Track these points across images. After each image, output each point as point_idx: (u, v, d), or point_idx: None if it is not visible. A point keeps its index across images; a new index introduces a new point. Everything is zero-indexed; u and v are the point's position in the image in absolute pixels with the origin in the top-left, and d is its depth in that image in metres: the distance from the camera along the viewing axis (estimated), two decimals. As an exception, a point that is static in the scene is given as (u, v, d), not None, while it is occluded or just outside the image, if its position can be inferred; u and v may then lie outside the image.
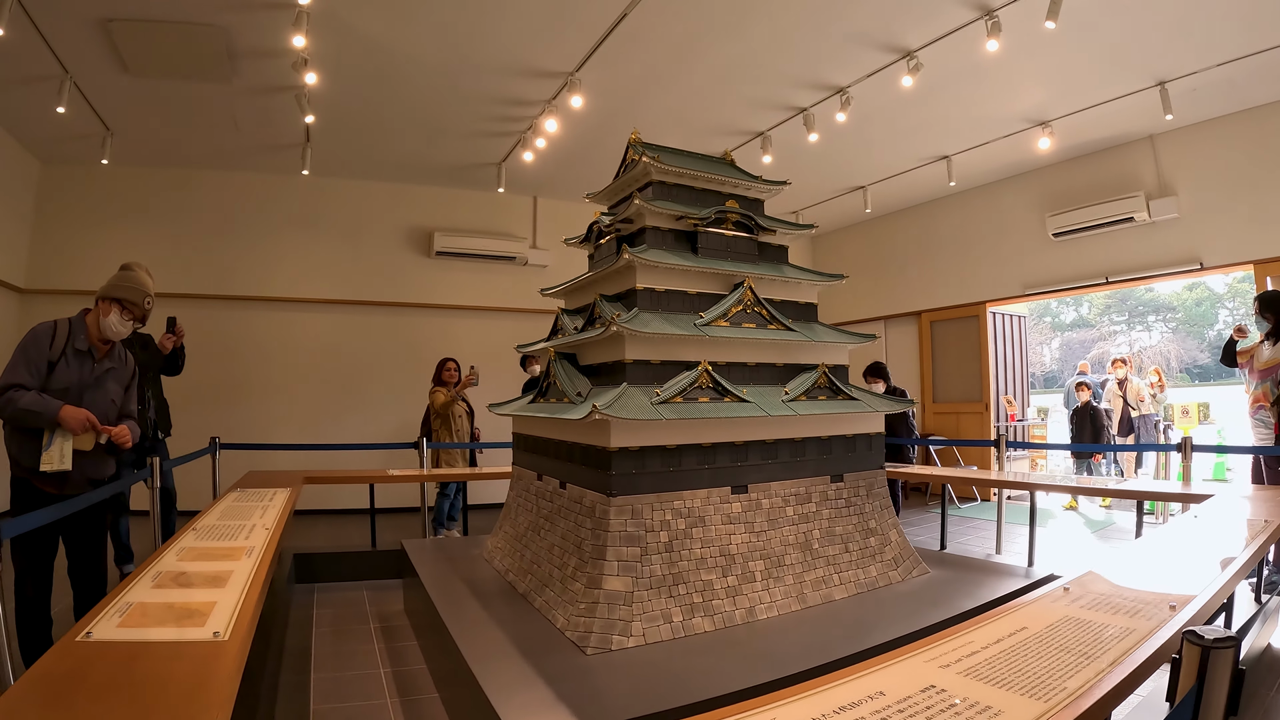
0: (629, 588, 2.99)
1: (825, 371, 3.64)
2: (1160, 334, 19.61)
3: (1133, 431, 8.02)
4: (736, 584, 3.18)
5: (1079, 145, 7.34)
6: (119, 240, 7.21)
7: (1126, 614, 1.86)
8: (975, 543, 6.34)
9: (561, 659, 2.72)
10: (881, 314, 10.52)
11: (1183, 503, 3.93)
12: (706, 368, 3.26)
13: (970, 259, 9.06)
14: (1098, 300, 20.14)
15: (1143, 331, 19.79)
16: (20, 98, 5.81)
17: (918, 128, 7.07)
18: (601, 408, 2.97)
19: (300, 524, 7.11)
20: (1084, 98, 6.30)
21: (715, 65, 5.89)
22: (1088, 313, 20.31)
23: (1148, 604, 1.95)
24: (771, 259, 4.00)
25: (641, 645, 2.87)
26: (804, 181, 8.90)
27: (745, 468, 3.37)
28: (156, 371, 5.07)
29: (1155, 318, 19.82)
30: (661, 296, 3.50)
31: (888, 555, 3.71)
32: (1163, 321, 19.79)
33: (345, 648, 4.11)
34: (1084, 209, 7.29)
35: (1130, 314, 19.88)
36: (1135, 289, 19.78)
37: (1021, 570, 4.06)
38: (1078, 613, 1.90)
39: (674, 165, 3.79)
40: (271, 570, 2.56)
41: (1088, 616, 1.86)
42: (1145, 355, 18.42)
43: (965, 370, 9.31)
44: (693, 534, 3.19)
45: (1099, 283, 7.43)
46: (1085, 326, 20.04)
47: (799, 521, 3.48)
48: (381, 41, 5.46)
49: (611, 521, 3.06)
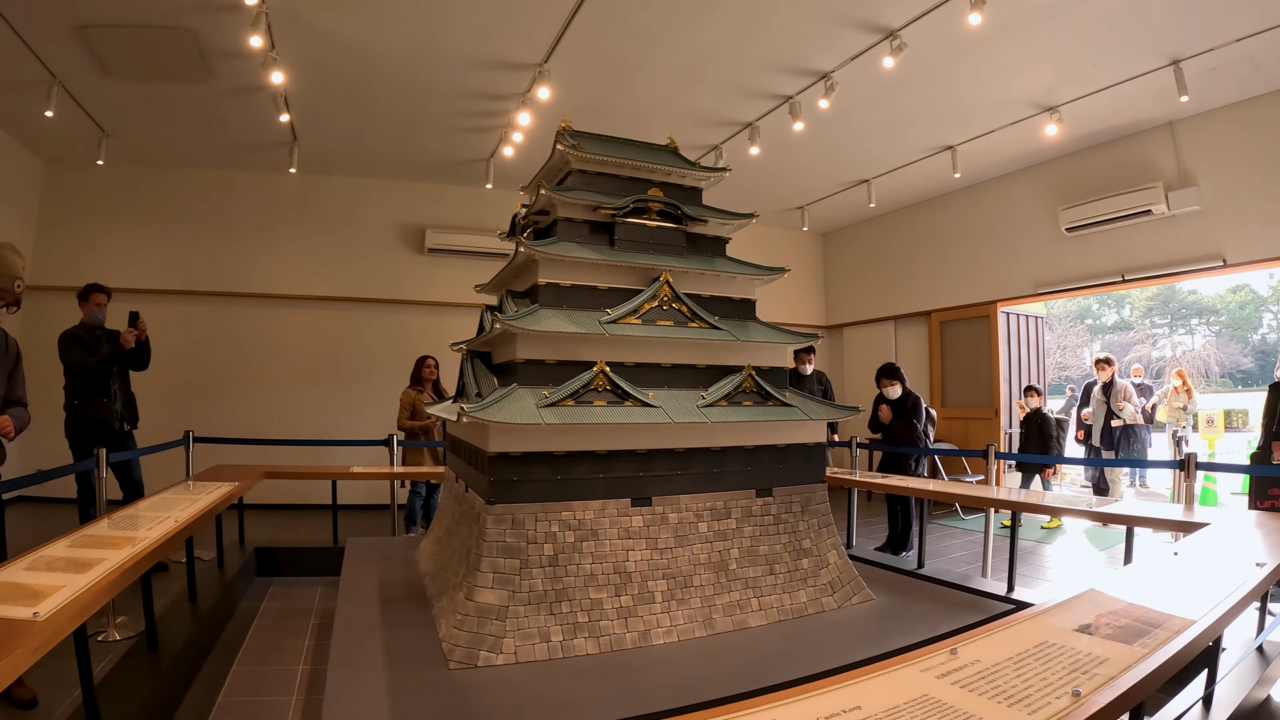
0: (504, 602, 2.69)
1: (752, 374, 3.24)
2: (1203, 338, 18.18)
3: (1114, 445, 7.16)
4: (631, 604, 2.84)
5: (1091, 133, 6.68)
6: (119, 238, 7.29)
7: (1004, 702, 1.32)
8: (967, 561, 5.78)
9: (424, 673, 2.49)
10: (890, 314, 9.93)
11: (1175, 532, 3.38)
12: (603, 368, 2.92)
13: (980, 256, 8.42)
14: (1139, 303, 18.84)
15: (1185, 335, 18.37)
16: (20, 102, 5.86)
17: (915, 115, 6.53)
18: (471, 410, 2.67)
19: (275, 518, 7.04)
20: (1092, 80, 5.68)
21: (688, 52, 5.52)
22: (1129, 315, 19.00)
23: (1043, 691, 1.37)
24: (705, 251, 3.62)
25: (513, 664, 2.58)
26: (803, 176, 8.44)
27: (649, 478, 3.02)
28: (123, 366, 5.02)
29: (1198, 321, 18.37)
30: (568, 292, 3.17)
31: (823, 579, 3.29)
32: (1205, 325, 18.33)
33: (278, 642, 4.03)
34: (1098, 201, 6.62)
35: (1172, 316, 18.48)
36: (1178, 291, 18.38)
37: (987, 601, 3.56)
38: (951, 694, 1.36)
39: (597, 153, 3.46)
40: (151, 561, 2.54)
41: (961, 702, 1.32)
42: (1186, 360, 17.05)
43: (975, 374, 8.66)
44: (583, 548, 2.85)
45: (1115, 281, 6.73)
46: (1126, 329, 18.72)
47: (714, 539, 3.10)
48: (344, 38, 5.29)
49: (488, 530, 2.76)
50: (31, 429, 3.36)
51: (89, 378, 4.74)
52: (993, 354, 8.38)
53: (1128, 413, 7.05)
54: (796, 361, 6.80)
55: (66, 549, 2.49)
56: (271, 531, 6.31)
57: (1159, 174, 6.32)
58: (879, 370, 6.28)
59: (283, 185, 7.75)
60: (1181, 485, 3.72)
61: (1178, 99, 5.48)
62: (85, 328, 4.86)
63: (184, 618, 3.85)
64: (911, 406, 6.25)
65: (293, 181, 7.71)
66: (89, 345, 4.80)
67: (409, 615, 3.13)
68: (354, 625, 3.02)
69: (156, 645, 3.30)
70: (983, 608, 3.37)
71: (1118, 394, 7.10)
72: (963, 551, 6.23)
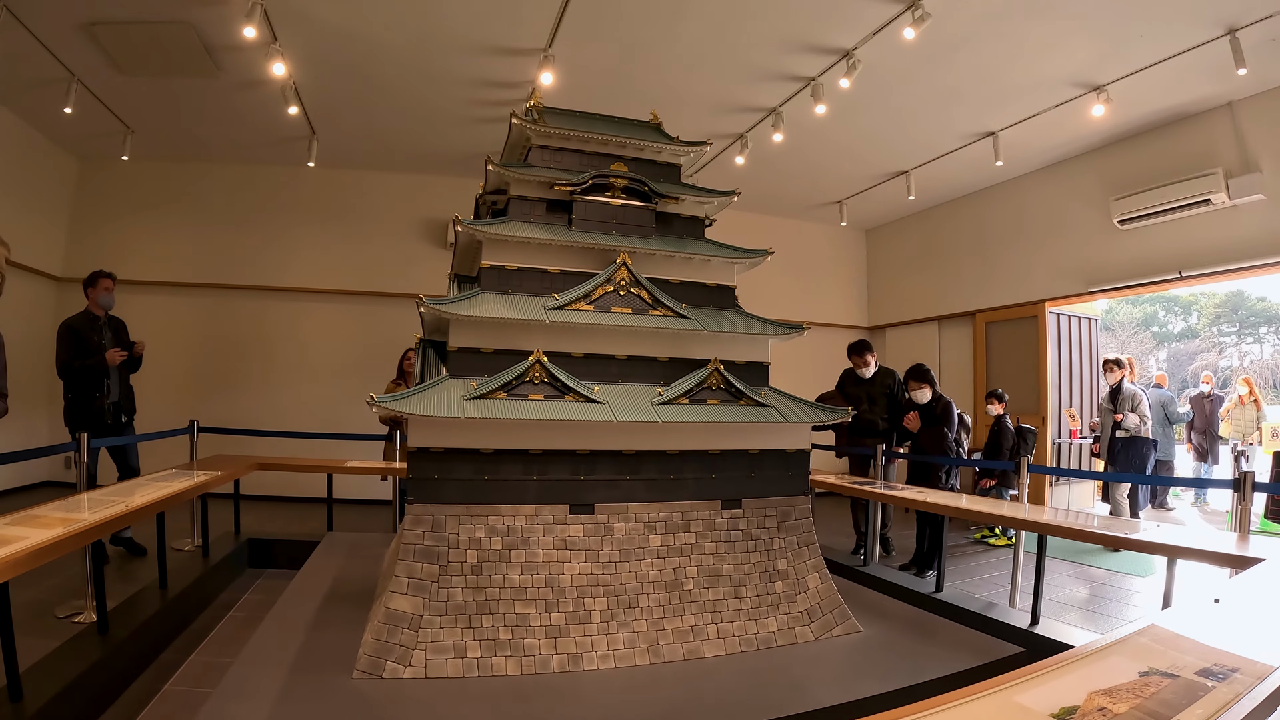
0: (417, 610, 2.39)
1: (718, 369, 2.83)
2: (1272, 346, 16.32)
3: (1115, 459, 6.20)
4: (563, 623, 2.48)
5: (1143, 116, 5.92)
6: (146, 231, 7.38)
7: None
8: (997, 584, 5.12)
9: (326, 679, 2.29)
10: (934, 314, 9.22)
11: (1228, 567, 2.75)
12: (540, 358, 2.57)
13: (1026, 252, 7.67)
14: (1206, 309, 17.14)
15: (1254, 344, 16.54)
16: (47, 101, 5.95)
17: (948, 96, 5.93)
18: (383, 400, 2.37)
19: (281, 510, 6.98)
20: (1139, 54, 4.98)
21: (697, 31, 5.12)
22: (1196, 322, 17.34)
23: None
24: (677, 232, 3.23)
25: (421, 679, 2.30)
26: (838, 168, 7.90)
27: (591, 483, 2.65)
28: (124, 364, 4.98)
29: (1267, 329, 16.52)
30: (513, 276, 2.84)
31: (799, 606, 2.84)
32: (1275, 334, 16.48)
33: (244, 634, 3.84)
34: (1153, 190, 5.84)
35: (1240, 324, 16.72)
36: (1246, 298, 16.56)
37: (995, 643, 3.00)
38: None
39: (560, 126, 3.12)
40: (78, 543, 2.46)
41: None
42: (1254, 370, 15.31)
43: (1022, 379, 7.89)
44: (511, 557, 2.51)
45: (1171, 278, 5.93)
46: (1192, 337, 17.09)
47: (667, 554, 2.70)
48: (343, 28, 5.13)
49: (405, 532, 2.47)
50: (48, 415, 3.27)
51: (79, 375, 4.69)
52: (1040, 358, 7.62)
53: (1129, 423, 6.10)
54: (853, 362, 5.87)
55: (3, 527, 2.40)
56: (281, 524, 6.22)
57: (1218, 159, 5.51)
58: (906, 372, 5.65)
59: (305, 179, 7.71)
60: (1237, 509, 3.08)
61: (1235, 74, 4.74)
62: (88, 315, 4.80)
63: (148, 604, 3.72)
64: (942, 412, 5.59)
65: (315, 176, 7.66)
66: (88, 335, 4.75)
67: (345, 616, 2.91)
68: (284, 621, 2.87)
69: (107, 629, 3.16)
70: (986, 649, 2.86)
71: (1123, 401, 6.17)
72: (996, 572, 5.57)
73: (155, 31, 5.04)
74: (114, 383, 4.85)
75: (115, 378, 4.84)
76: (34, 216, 6.85)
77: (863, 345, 5.92)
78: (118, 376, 4.88)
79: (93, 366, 4.65)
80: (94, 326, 4.79)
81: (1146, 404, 6.13)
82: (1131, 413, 6.10)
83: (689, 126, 6.73)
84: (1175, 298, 17.84)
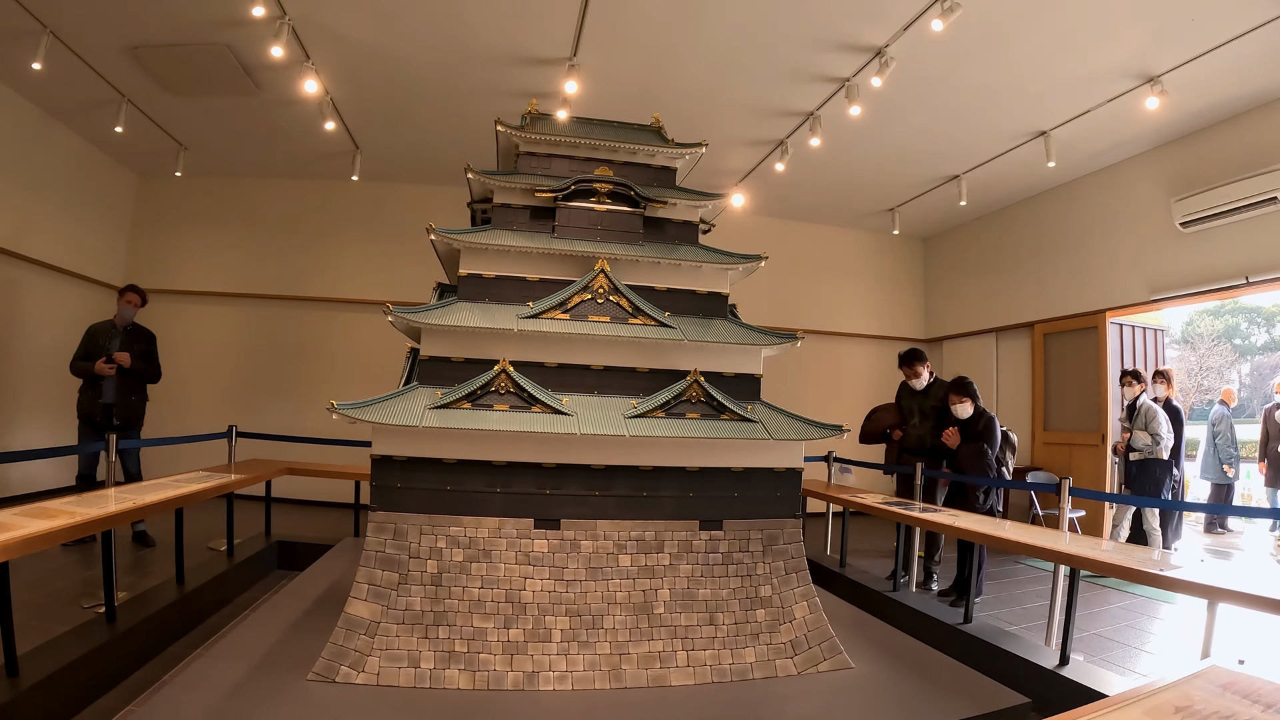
0: (375, 617, 2.35)
1: (698, 381, 2.69)
2: None
3: (1130, 483, 5.53)
4: (521, 640, 2.38)
5: (1204, 108, 5.38)
6: (200, 245, 7.75)
7: None
8: (1036, 616, 4.67)
9: (281, 679, 2.30)
10: (992, 325, 8.69)
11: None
12: (505, 368, 2.49)
13: (1085, 259, 7.13)
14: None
15: None
16: (104, 120, 6.33)
17: (993, 94, 5.57)
18: (343, 408, 2.34)
19: (316, 515, 7.13)
20: (1194, 39, 4.53)
21: (721, 33, 4.98)
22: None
23: None
24: (669, 238, 3.10)
25: (373, 686, 2.26)
26: (886, 174, 7.56)
27: (558, 497, 2.54)
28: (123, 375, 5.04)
29: None
30: (491, 284, 2.78)
31: (782, 636, 2.64)
32: None
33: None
34: (1216, 189, 5.30)
35: None
36: None
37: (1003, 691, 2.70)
38: None
39: (547, 133, 3.06)
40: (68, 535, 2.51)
41: None
42: None
43: (1082, 394, 7.33)
44: (472, 569, 2.44)
45: (1238, 284, 5.34)
46: (1277, 349, 15.46)
47: (638, 575, 2.56)
48: (372, 44, 5.24)
49: (368, 538, 2.43)
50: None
51: (78, 374, 4.95)
52: (1101, 371, 7.04)
53: (1141, 442, 5.48)
54: (904, 373, 5.45)
55: (10, 516, 2.52)
56: (316, 528, 6.36)
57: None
58: (948, 385, 5.21)
59: (350, 193, 7.95)
60: None
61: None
62: (109, 324, 5.07)
63: (162, 598, 3.85)
64: (984, 429, 5.14)
65: (360, 189, 7.90)
66: (98, 341, 5.01)
67: (328, 619, 2.88)
68: (267, 621, 2.91)
69: (114, 618, 3.28)
70: (989, 697, 2.57)
71: (1139, 418, 5.53)
72: (1037, 602, 5.10)
73: (194, 53, 5.28)
74: (110, 388, 4.96)
75: (113, 384, 4.97)
76: (97, 230, 7.29)
77: (914, 355, 5.44)
78: (115, 384, 4.98)
79: (85, 369, 4.87)
80: (109, 334, 5.03)
81: (1163, 422, 5.51)
82: (1142, 431, 5.52)
83: (726, 134, 6.59)
84: (1258, 309, 16.31)
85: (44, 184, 6.50)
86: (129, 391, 5.08)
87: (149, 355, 5.23)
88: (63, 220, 6.75)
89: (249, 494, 5.57)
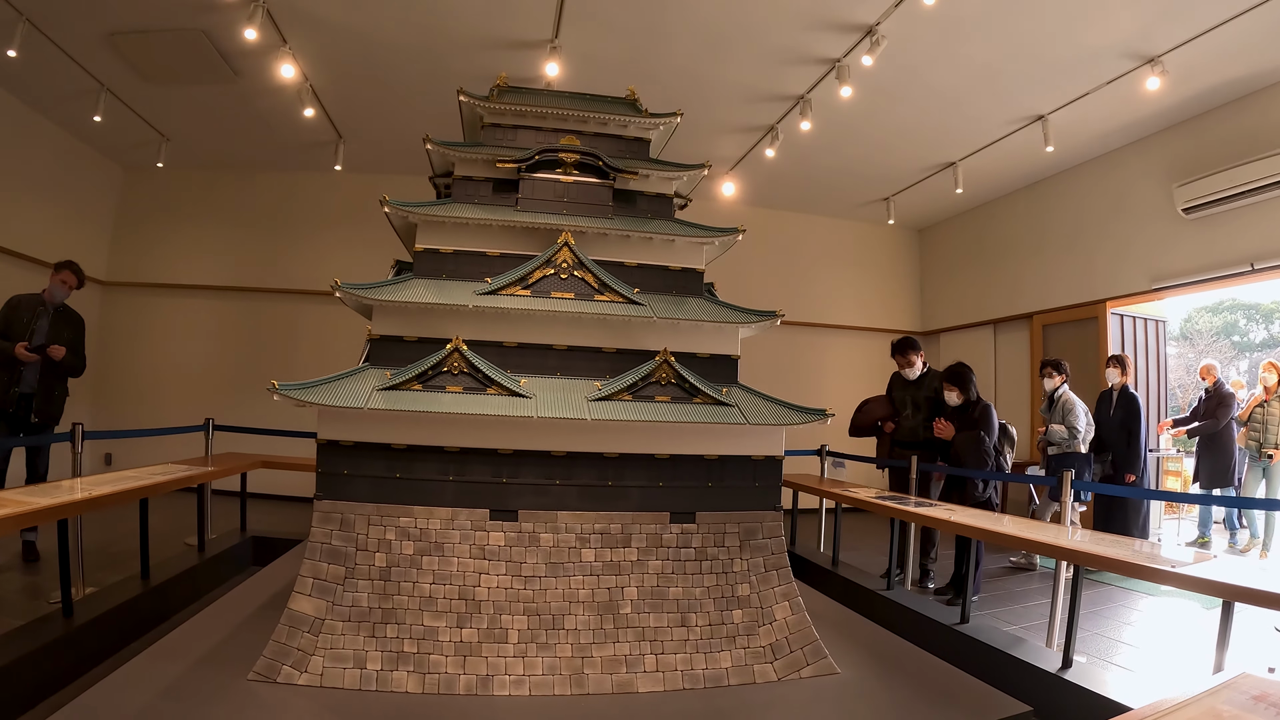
0: (320, 614, 2.15)
1: (668, 362, 2.48)
2: None
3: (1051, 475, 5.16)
4: (475, 640, 2.17)
5: (1205, 90, 5.16)
6: (183, 236, 7.56)
7: None
8: (1037, 616, 4.43)
9: (221, 678, 2.13)
10: (989, 317, 8.47)
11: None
12: (459, 347, 2.29)
13: (1085, 247, 6.91)
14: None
15: None
16: (84, 111, 6.14)
17: (988, 76, 5.35)
18: (284, 389, 2.14)
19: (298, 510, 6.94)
20: (1194, 17, 4.32)
21: (708, 15, 4.77)
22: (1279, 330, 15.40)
23: None
24: (641, 211, 2.89)
25: (316, 687, 2.06)
26: (880, 161, 7.33)
27: (515, 486, 2.33)
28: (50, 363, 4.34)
29: None
30: (448, 260, 2.58)
31: (761, 640, 2.42)
32: None
33: None
34: (1219, 174, 5.07)
35: None
36: None
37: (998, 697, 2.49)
38: None
39: (513, 103, 2.86)
40: None
41: None
42: None
43: (1081, 386, 7.10)
44: (423, 563, 2.23)
45: (1243, 271, 5.11)
46: (1275, 346, 15.16)
47: (602, 572, 2.35)
48: (350, 27, 5.04)
49: (313, 529, 2.22)
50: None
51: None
52: (1100, 363, 6.82)
53: (1054, 434, 5.21)
54: (896, 363, 5.25)
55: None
56: (295, 524, 6.17)
57: (1292, 135, 4.74)
58: (944, 371, 4.99)
59: (336, 185, 7.76)
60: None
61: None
62: (36, 298, 4.35)
63: (123, 593, 3.67)
64: (979, 416, 4.88)
65: (344, 180, 7.71)
66: (19, 316, 4.26)
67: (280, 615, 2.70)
68: (217, 616, 2.75)
69: (71, 612, 3.10)
70: (987, 704, 2.35)
71: (1056, 410, 5.26)
72: (1040, 600, 4.87)
73: (170, 39, 5.09)
74: (30, 375, 4.22)
75: (35, 372, 4.22)
76: (81, 223, 7.10)
77: (906, 343, 5.21)
78: (37, 371, 4.23)
79: (3, 349, 4.09)
80: (34, 311, 4.29)
81: (1081, 415, 5.22)
82: (1059, 424, 5.25)
83: (716, 118, 6.36)
84: (1256, 306, 16.05)
85: (25, 177, 6.32)
86: (52, 384, 4.31)
87: (76, 345, 4.47)
88: (46, 213, 6.57)
89: (228, 489, 5.39)
